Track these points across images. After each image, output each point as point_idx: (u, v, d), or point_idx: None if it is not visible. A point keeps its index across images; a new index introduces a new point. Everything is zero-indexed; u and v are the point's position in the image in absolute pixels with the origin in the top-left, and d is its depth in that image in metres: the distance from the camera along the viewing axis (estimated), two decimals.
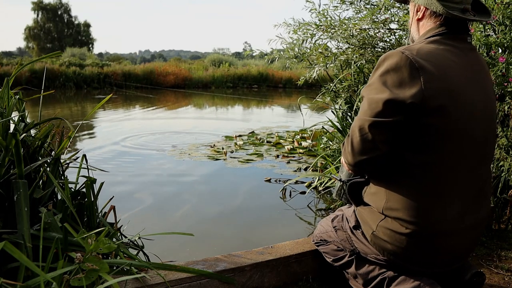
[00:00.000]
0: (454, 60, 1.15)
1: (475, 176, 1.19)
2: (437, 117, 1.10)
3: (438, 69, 1.11)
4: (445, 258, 1.23)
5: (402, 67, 1.10)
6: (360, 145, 1.16)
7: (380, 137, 1.13)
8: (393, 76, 1.11)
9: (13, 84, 1.66)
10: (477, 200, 1.21)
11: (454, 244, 1.21)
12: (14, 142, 1.27)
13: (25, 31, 40.79)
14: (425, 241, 1.18)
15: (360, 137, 1.16)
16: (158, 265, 1.36)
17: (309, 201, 3.09)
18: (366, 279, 1.36)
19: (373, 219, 1.25)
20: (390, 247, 1.22)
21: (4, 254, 1.06)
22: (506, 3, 2.11)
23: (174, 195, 3.25)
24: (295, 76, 18.34)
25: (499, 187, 2.29)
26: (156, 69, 18.68)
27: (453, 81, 1.12)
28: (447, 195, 1.15)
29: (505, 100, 2.23)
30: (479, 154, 1.19)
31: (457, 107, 1.11)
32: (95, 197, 1.53)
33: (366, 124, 1.13)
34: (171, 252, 2.17)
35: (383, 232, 1.21)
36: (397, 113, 1.10)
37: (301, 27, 3.17)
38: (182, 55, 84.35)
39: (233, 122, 7.81)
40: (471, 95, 1.15)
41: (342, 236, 1.43)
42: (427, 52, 1.14)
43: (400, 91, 1.09)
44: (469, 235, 1.23)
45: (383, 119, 1.11)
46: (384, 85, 1.12)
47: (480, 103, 1.17)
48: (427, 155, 1.13)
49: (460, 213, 1.17)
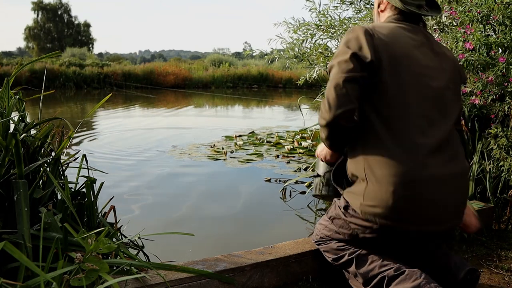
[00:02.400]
0: (405, 32, 1.37)
1: (436, 130, 1.30)
2: (391, 75, 1.28)
3: (390, 36, 1.32)
4: (434, 210, 1.27)
5: (359, 36, 1.31)
6: (337, 100, 1.27)
7: (353, 91, 1.27)
8: (354, 43, 1.31)
9: (13, 84, 1.66)
10: (444, 152, 1.29)
11: (437, 193, 1.26)
12: (14, 142, 1.27)
13: (25, 31, 40.80)
14: (407, 191, 1.24)
15: (336, 93, 1.27)
16: (158, 265, 1.36)
17: (309, 201, 3.09)
18: (366, 278, 1.36)
19: (359, 191, 1.32)
20: (379, 211, 1.26)
21: (4, 254, 1.06)
22: (506, 3, 2.11)
23: (174, 195, 3.25)
24: (295, 76, 18.34)
25: (499, 187, 2.29)
26: (156, 69, 18.68)
27: (403, 45, 1.32)
28: (411, 146, 1.25)
29: (505, 100, 2.23)
30: (435, 110, 1.32)
31: (407, 66, 1.30)
32: (95, 197, 1.53)
33: (340, 80, 1.27)
34: (171, 252, 2.17)
35: (370, 198, 1.28)
36: (363, 69, 1.27)
37: (301, 27, 3.17)
38: (182, 55, 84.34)
39: (233, 122, 7.81)
40: (420, 59, 1.33)
41: (339, 223, 1.45)
42: (381, 26, 1.38)
43: (361, 52, 1.28)
44: (449, 185, 1.28)
45: (354, 73, 1.27)
46: (348, 48, 1.30)
47: (429, 67, 1.34)
48: (387, 111, 1.28)
49: (430, 162, 1.26)
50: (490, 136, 2.29)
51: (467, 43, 2.12)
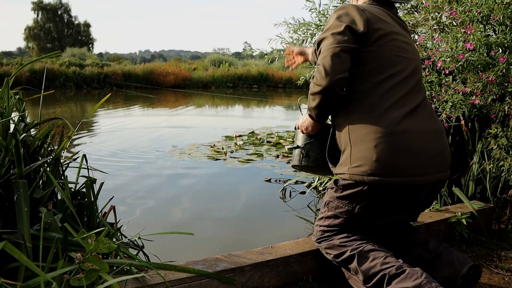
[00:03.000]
0: (383, 11, 1.49)
1: (414, 92, 1.41)
2: (377, 45, 1.39)
3: (374, 13, 1.44)
4: (419, 160, 1.34)
5: (351, 11, 1.41)
6: (333, 67, 1.33)
7: (348, 60, 1.35)
8: (346, 17, 1.40)
9: (13, 84, 1.66)
10: (419, 111, 1.39)
11: (417, 143, 1.34)
12: (14, 142, 1.27)
13: (25, 31, 40.81)
14: (388, 144, 1.31)
15: (332, 61, 1.33)
16: (158, 265, 1.36)
17: (309, 201, 3.09)
18: (367, 275, 1.36)
19: (346, 159, 1.40)
20: (366, 168, 1.32)
21: (4, 254, 1.06)
22: (507, 3, 2.11)
23: (174, 195, 3.25)
24: (295, 76, 18.34)
25: (499, 187, 2.29)
26: (156, 69, 18.69)
27: (388, 22, 1.45)
28: (393, 104, 1.35)
29: (505, 100, 2.23)
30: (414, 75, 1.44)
31: (389, 39, 1.41)
32: (95, 197, 1.53)
33: (337, 50, 1.34)
34: (171, 252, 2.17)
35: (356, 160, 1.35)
36: (355, 41, 1.36)
37: (301, 26, 3.17)
38: (182, 55, 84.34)
39: (233, 122, 7.81)
40: (398, 35, 1.45)
41: (333, 205, 1.48)
42: (365, 5, 1.49)
43: (354, 25, 1.37)
44: (428, 137, 1.37)
45: (349, 45, 1.35)
46: (341, 22, 1.39)
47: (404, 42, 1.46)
48: (367, 76, 1.38)
49: (408, 118, 1.35)
50: (490, 136, 2.29)
51: (467, 43, 2.12)
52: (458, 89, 2.21)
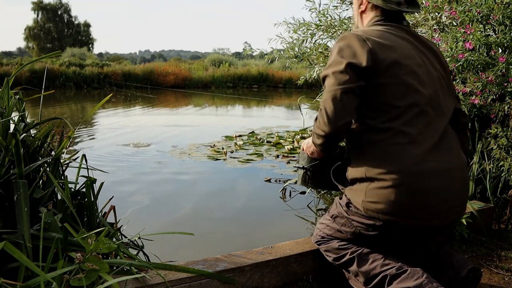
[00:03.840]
0: (393, 33, 1.38)
1: (433, 125, 1.31)
2: (387, 76, 1.28)
3: (381, 38, 1.33)
4: (436, 204, 1.27)
5: (352, 42, 1.31)
6: (335, 113, 1.27)
7: (351, 102, 1.27)
8: (347, 51, 1.30)
9: (13, 84, 1.66)
10: (442, 145, 1.30)
11: (438, 186, 1.26)
12: (14, 142, 1.27)
13: (25, 31, 40.81)
14: (407, 187, 1.24)
15: (334, 106, 1.27)
16: (158, 265, 1.36)
17: (309, 201, 3.09)
18: (367, 277, 1.36)
19: (361, 189, 1.32)
20: (382, 207, 1.27)
21: (4, 254, 1.06)
22: (506, 3, 2.12)
23: (174, 195, 3.25)
24: (295, 76, 18.34)
25: (499, 187, 2.29)
26: (156, 69, 18.68)
27: (396, 48, 1.32)
28: (409, 141, 1.26)
29: (505, 100, 2.23)
30: (433, 106, 1.33)
31: (402, 67, 1.30)
32: (95, 197, 1.53)
33: (338, 93, 1.26)
34: (171, 252, 2.17)
35: (372, 195, 1.28)
36: (359, 79, 1.27)
37: (301, 26, 3.17)
38: (182, 55, 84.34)
39: (233, 122, 7.81)
40: (413, 60, 1.33)
41: (341, 222, 1.45)
42: (370, 30, 1.38)
43: (357, 60, 1.27)
44: (449, 179, 1.29)
45: (351, 85, 1.26)
46: (342, 58, 1.30)
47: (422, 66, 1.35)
48: (384, 111, 1.29)
49: (428, 155, 1.27)
50: (490, 136, 2.29)
51: (467, 43, 2.12)
52: (458, 89, 2.21)
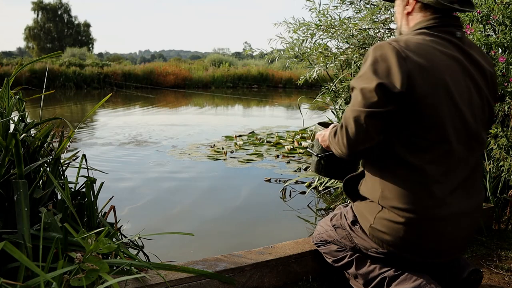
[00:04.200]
0: (440, 50, 1.18)
1: (462, 165, 1.20)
2: (422, 107, 1.12)
3: (424, 59, 1.14)
4: (444, 245, 1.23)
5: (390, 57, 1.13)
6: (356, 136, 1.16)
7: (375, 128, 1.15)
8: (382, 66, 1.13)
9: (13, 84, 1.66)
10: (466, 186, 1.22)
11: (451, 230, 1.20)
12: (14, 142, 1.27)
13: (25, 31, 40.80)
14: (421, 228, 1.18)
15: (356, 129, 1.16)
16: (158, 265, 1.36)
17: (309, 201, 3.09)
18: (366, 279, 1.37)
19: (370, 212, 1.26)
20: (388, 238, 1.22)
21: (4, 254, 1.05)
22: (506, 3, 2.11)
23: (174, 195, 3.25)
24: (295, 76, 18.34)
25: (499, 187, 2.29)
26: (156, 69, 18.68)
27: (438, 71, 1.14)
28: (434, 181, 1.17)
29: (505, 100, 2.23)
30: (467, 143, 1.20)
31: (444, 97, 1.14)
32: (95, 197, 1.53)
33: (362, 115, 1.14)
34: (171, 252, 2.17)
35: (380, 223, 1.23)
36: (389, 103, 1.12)
37: (301, 26, 3.16)
38: (182, 55, 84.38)
39: (233, 122, 7.81)
40: (457, 86, 1.17)
41: (342, 234, 1.43)
42: (414, 43, 1.17)
43: (389, 80, 1.11)
44: (464, 222, 1.22)
45: (378, 109, 1.12)
46: (374, 74, 1.13)
47: (466, 94, 1.19)
48: (413, 143, 1.16)
49: (450, 198, 1.18)
50: (490, 136, 2.29)
51: None
52: None
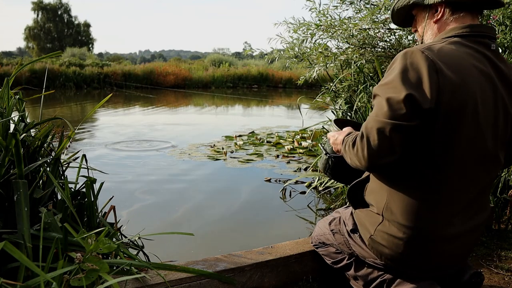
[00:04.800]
0: (475, 65, 1.10)
1: (473, 187, 1.17)
2: (446, 127, 1.06)
3: (457, 74, 1.06)
4: (443, 262, 1.22)
5: (422, 67, 1.04)
6: (378, 149, 1.07)
7: (399, 141, 1.05)
8: (413, 75, 1.05)
9: (13, 84, 1.66)
10: (473, 206, 1.19)
11: (452, 249, 1.19)
12: (14, 142, 1.27)
13: (25, 31, 40.83)
14: (422, 247, 1.17)
15: (379, 141, 1.06)
16: (158, 265, 1.36)
17: (309, 201, 3.09)
18: (366, 280, 1.37)
19: (371, 223, 1.24)
20: (387, 252, 1.20)
21: (4, 254, 1.05)
22: (507, 3, 2.11)
23: (174, 195, 3.25)
24: (295, 76, 18.35)
25: (499, 187, 2.28)
26: (156, 69, 18.69)
27: (469, 90, 1.07)
28: (442, 202, 1.14)
29: None
30: (483, 164, 1.15)
31: (469, 117, 1.07)
32: (95, 197, 1.53)
33: (387, 128, 1.04)
34: (171, 252, 2.17)
35: (381, 236, 1.20)
36: (417, 117, 1.03)
37: (301, 26, 3.16)
38: (182, 55, 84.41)
39: (233, 122, 7.81)
40: (486, 106, 1.10)
41: (340, 240, 1.42)
42: (447, 54, 1.08)
43: (419, 93, 1.03)
44: (466, 240, 1.21)
45: (405, 122, 1.03)
46: (403, 83, 1.04)
47: (492, 115, 1.12)
48: (433, 162, 1.10)
49: (455, 219, 1.16)
50: None
51: None
52: None
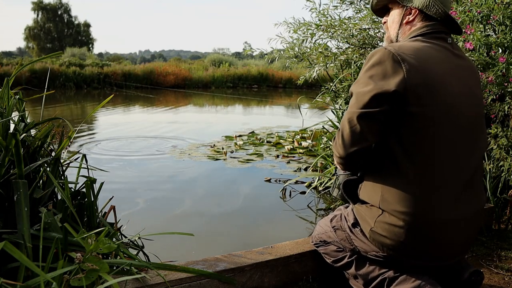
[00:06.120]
0: (435, 54, 1.22)
1: (463, 166, 1.21)
2: (420, 106, 1.15)
3: (419, 60, 1.17)
4: (444, 250, 1.23)
5: (385, 61, 1.17)
6: (350, 137, 1.22)
7: (368, 128, 1.19)
8: (377, 69, 1.18)
9: (13, 84, 1.66)
10: (468, 190, 1.22)
11: (451, 235, 1.21)
12: (14, 142, 1.27)
13: (25, 31, 40.85)
14: (422, 232, 1.19)
15: (350, 129, 1.21)
16: (158, 265, 1.36)
17: (309, 201, 3.09)
18: (366, 279, 1.37)
19: (371, 216, 1.26)
20: (389, 242, 1.23)
21: (4, 254, 1.05)
22: (506, 3, 2.11)
23: (174, 195, 3.25)
24: (295, 76, 18.35)
25: (499, 187, 2.29)
26: (156, 69, 18.69)
27: (434, 72, 1.17)
28: (436, 184, 1.18)
29: (505, 100, 2.23)
30: (465, 143, 1.21)
31: (438, 96, 1.16)
32: (95, 197, 1.53)
33: (354, 116, 1.19)
34: (171, 252, 2.17)
35: (381, 227, 1.23)
36: (383, 103, 1.16)
37: (301, 26, 3.16)
38: (182, 55, 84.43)
39: (233, 122, 7.81)
40: (453, 86, 1.19)
41: (342, 236, 1.43)
42: (409, 47, 1.21)
43: (384, 83, 1.15)
44: (465, 226, 1.23)
45: (370, 109, 1.16)
46: (369, 78, 1.19)
47: (462, 95, 1.21)
48: (412, 144, 1.17)
49: (451, 202, 1.19)
50: (490, 136, 2.29)
51: (467, 43, 2.12)
52: None
